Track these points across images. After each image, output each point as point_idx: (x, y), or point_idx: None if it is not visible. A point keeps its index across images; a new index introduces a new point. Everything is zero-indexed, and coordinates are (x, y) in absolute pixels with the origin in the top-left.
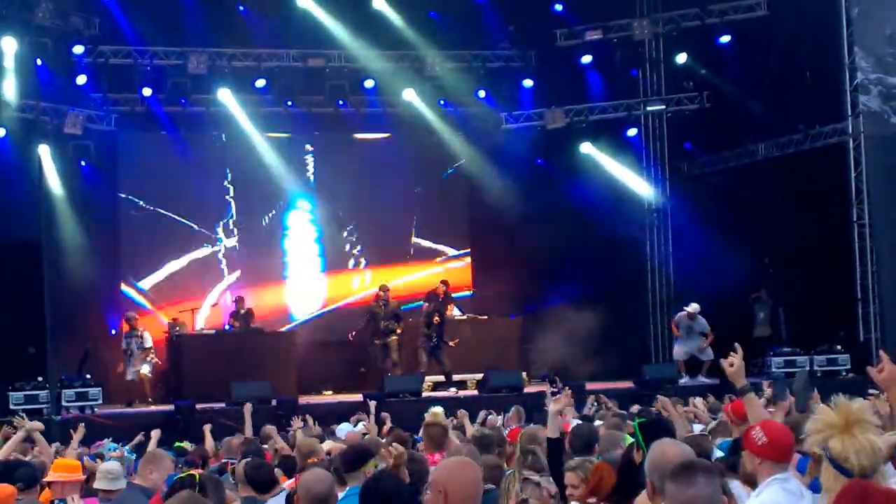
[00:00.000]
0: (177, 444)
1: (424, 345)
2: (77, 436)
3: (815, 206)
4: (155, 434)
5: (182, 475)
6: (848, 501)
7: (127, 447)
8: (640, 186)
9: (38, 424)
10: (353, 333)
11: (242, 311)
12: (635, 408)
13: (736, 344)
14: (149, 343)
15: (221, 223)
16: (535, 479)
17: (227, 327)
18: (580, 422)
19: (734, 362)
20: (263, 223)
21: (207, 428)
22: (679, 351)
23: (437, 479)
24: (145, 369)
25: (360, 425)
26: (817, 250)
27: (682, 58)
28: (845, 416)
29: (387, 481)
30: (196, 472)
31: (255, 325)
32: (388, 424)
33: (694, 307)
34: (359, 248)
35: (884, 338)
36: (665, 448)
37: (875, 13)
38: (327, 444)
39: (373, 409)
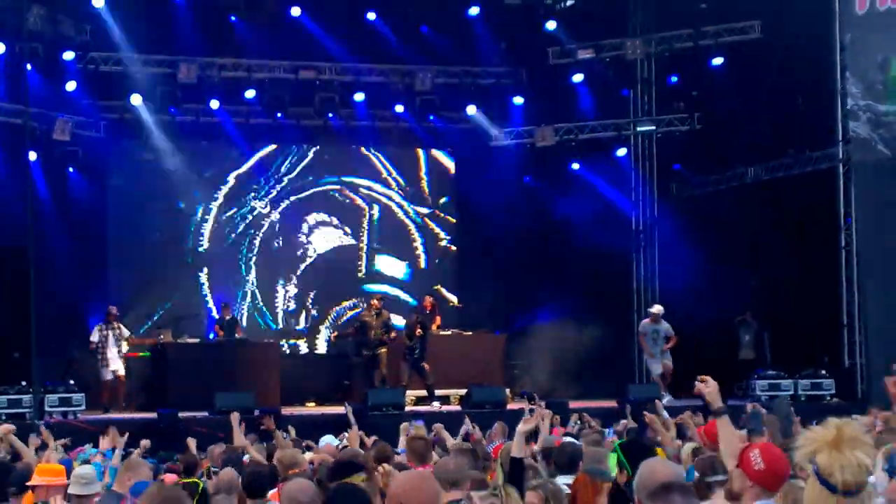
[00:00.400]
0: (160, 452)
1: (406, 357)
2: (51, 444)
3: (803, 230)
4: (144, 444)
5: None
6: None
7: (107, 450)
8: (629, 206)
9: (9, 427)
10: (335, 335)
11: (227, 319)
12: (622, 425)
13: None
14: (126, 333)
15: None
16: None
17: (211, 336)
18: (566, 439)
19: (710, 383)
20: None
21: (192, 442)
22: (654, 367)
23: (395, 493)
24: (121, 368)
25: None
26: (804, 275)
27: (673, 79)
28: (837, 432)
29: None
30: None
31: (240, 335)
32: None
33: (658, 308)
34: None
35: (869, 364)
36: (655, 467)
37: (867, 40)
38: (308, 455)
39: (353, 422)
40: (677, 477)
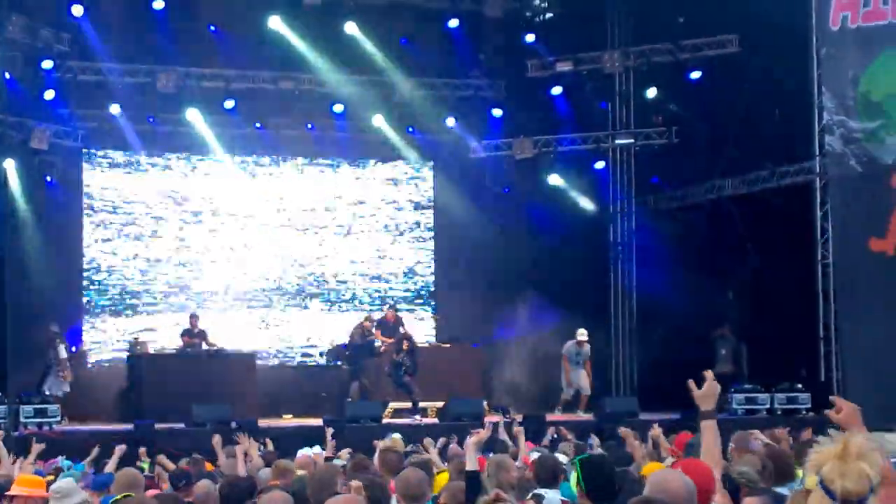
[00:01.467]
0: (139, 464)
1: (392, 371)
2: (34, 452)
3: (780, 243)
4: (118, 450)
5: (118, 497)
6: None
7: (82, 463)
8: (607, 219)
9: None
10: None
11: (196, 331)
12: (595, 440)
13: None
14: (63, 354)
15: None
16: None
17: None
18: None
19: (710, 384)
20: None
21: (162, 457)
22: (569, 389)
23: None
24: (66, 387)
25: (317, 448)
26: (781, 288)
27: (652, 92)
28: (844, 445)
29: None
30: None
31: (212, 345)
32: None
33: (582, 333)
34: None
35: (845, 377)
36: (667, 478)
37: (840, 55)
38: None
39: (329, 436)
40: (693, 490)
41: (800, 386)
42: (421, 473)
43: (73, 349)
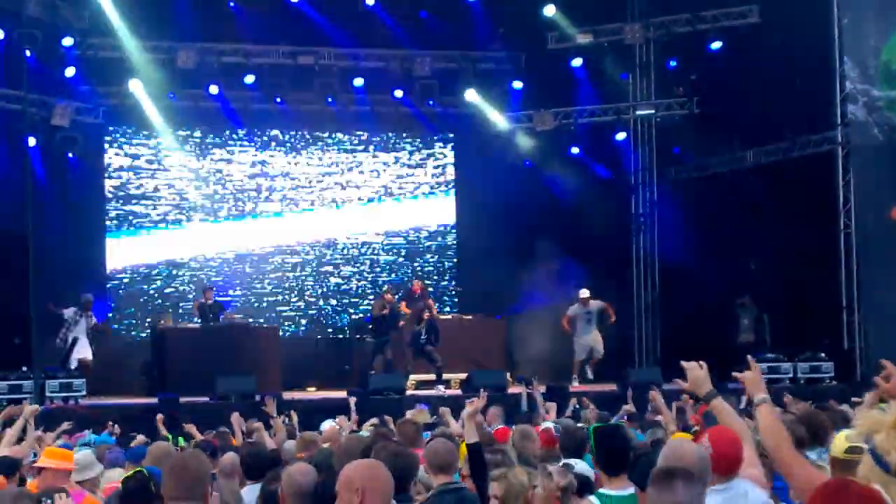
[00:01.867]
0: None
1: (412, 342)
2: (59, 429)
3: (802, 213)
4: (159, 419)
5: (129, 474)
6: (825, 496)
7: (107, 433)
8: (629, 190)
9: (36, 407)
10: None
11: (210, 303)
12: (628, 408)
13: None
14: (92, 323)
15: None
16: (549, 468)
17: (194, 319)
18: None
19: (693, 372)
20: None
21: (192, 428)
22: (580, 347)
23: (354, 479)
24: (90, 355)
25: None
26: (804, 257)
27: (672, 63)
28: None
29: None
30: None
31: (230, 318)
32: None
33: (585, 292)
34: None
35: (867, 346)
36: (683, 447)
37: (863, 23)
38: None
39: (353, 407)
40: (707, 460)
41: (823, 355)
42: (450, 444)
43: (98, 322)
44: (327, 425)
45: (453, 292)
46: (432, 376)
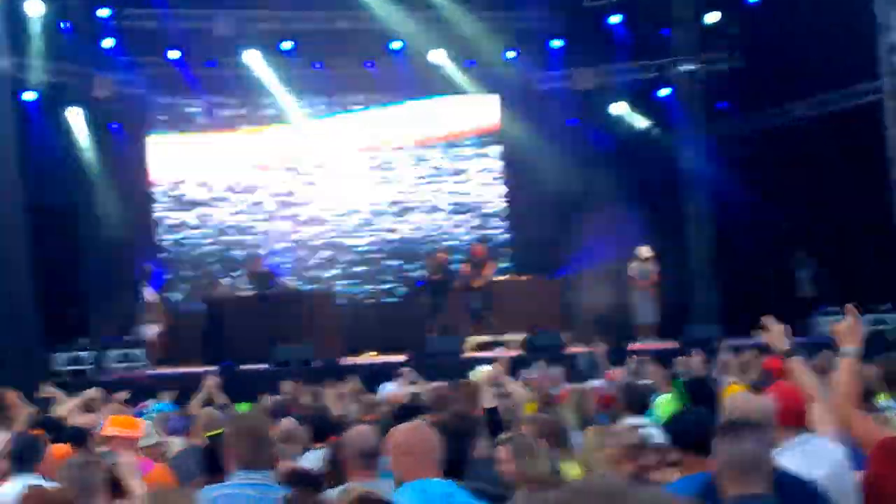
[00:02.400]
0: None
1: (467, 305)
2: (118, 398)
3: (854, 164)
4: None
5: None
6: (882, 454)
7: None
8: (676, 147)
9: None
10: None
11: (258, 272)
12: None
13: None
14: (150, 298)
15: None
16: (614, 427)
17: (248, 286)
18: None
19: (771, 328)
20: None
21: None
22: (646, 311)
23: (400, 441)
24: (152, 330)
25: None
26: (856, 209)
27: (713, 17)
28: None
29: None
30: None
31: (282, 285)
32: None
33: (645, 250)
34: None
35: None
36: (745, 399)
37: None
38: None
39: (410, 371)
40: (753, 414)
41: (889, 306)
42: (509, 402)
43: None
44: (387, 389)
45: (506, 252)
46: (490, 338)
